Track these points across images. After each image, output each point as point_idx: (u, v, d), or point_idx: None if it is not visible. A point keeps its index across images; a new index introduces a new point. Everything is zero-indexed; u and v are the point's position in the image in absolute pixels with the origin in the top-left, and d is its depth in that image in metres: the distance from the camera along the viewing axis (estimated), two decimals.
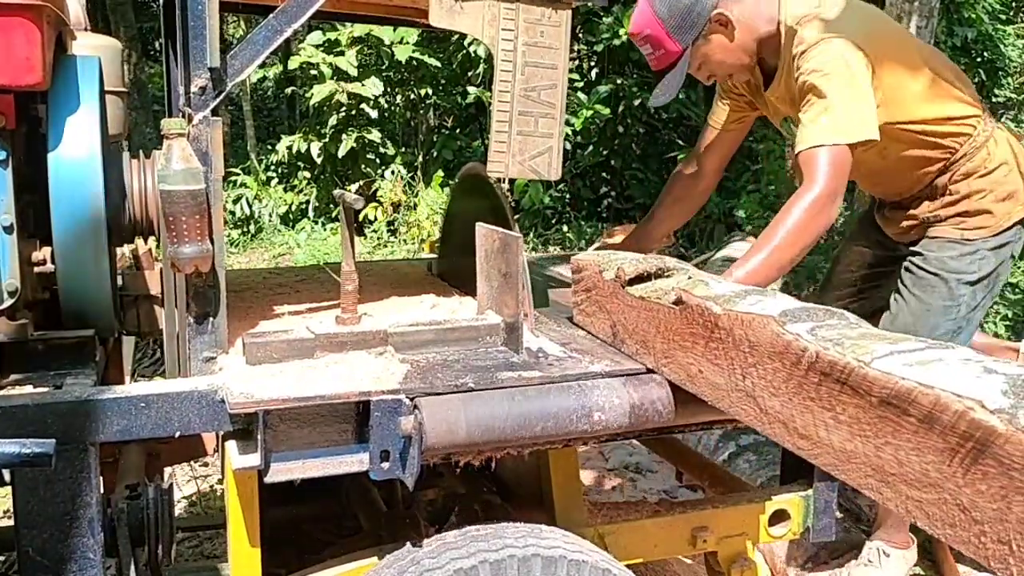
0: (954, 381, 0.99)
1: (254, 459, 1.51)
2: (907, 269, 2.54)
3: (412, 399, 1.54)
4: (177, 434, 1.54)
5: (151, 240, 2.00)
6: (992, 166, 2.39)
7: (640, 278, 1.77)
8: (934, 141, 2.37)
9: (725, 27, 2.28)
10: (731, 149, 2.69)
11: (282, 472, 1.53)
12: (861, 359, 1.11)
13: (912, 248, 2.52)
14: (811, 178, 2.07)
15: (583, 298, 1.98)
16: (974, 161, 2.39)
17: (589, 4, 3.14)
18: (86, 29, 2.29)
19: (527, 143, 1.90)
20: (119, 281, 2.11)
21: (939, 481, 0.98)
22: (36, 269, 1.70)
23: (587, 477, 3.73)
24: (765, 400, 1.31)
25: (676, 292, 1.60)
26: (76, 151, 1.67)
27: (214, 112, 1.64)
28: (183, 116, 1.68)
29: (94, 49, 2.05)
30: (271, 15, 1.65)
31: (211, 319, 1.71)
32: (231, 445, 1.56)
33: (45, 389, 1.61)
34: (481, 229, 1.90)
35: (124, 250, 2.22)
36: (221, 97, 1.63)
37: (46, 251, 1.70)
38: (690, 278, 1.66)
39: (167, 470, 2.18)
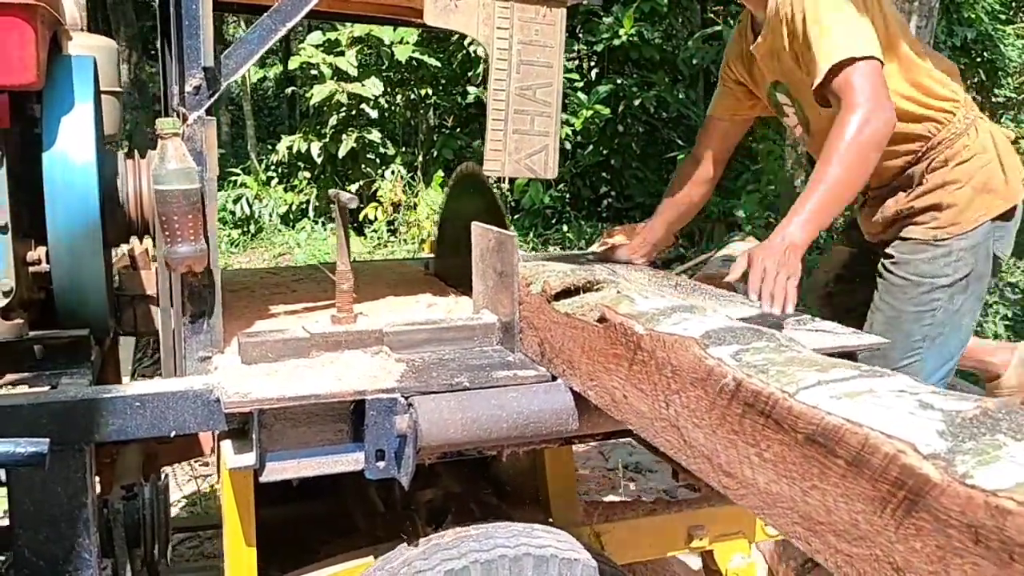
0: (886, 417, 0.86)
1: (249, 458, 1.51)
2: (879, 274, 2.43)
3: (407, 398, 1.54)
4: (172, 434, 1.54)
5: (147, 240, 2.00)
6: (968, 156, 2.26)
7: (567, 292, 1.65)
8: (912, 118, 2.24)
9: None
10: (731, 143, 2.64)
11: (278, 471, 1.53)
12: (785, 389, 0.99)
13: (885, 250, 2.41)
14: (850, 101, 1.90)
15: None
16: (952, 149, 2.26)
17: (585, 3, 3.14)
18: (82, 29, 2.29)
19: (523, 142, 1.90)
20: (115, 281, 2.11)
21: (870, 534, 0.84)
22: (31, 269, 1.70)
23: (586, 476, 3.73)
24: (689, 431, 1.17)
25: (600, 309, 1.47)
26: (71, 151, 1.67)
27: (209, 112, 1.64)
28: (178, 116, 1.68)
29: (90, 49, 2.05)
30: (265, 14, 1.65)
31: (206, 318, 1.70)
32: (226, 444, 1.56)
33: (40, 389, 1.61)
34: (477, 228, 1.90)
35: (120, 249, 2.22)
36: (216, 97, 1.63)
37: (41, 251, 1.70)
38: (618, 293, 1.54)
39: (166, 470, 2.18)
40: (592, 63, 10.09)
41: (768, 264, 1.83)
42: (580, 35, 9.67)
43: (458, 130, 10.49)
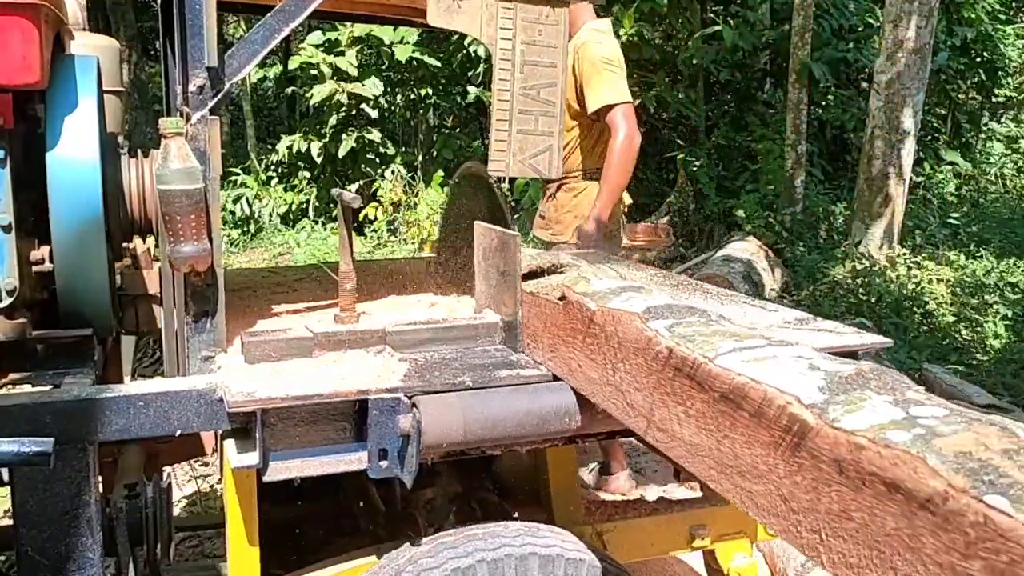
0: (782, 377, 1.03)
1: (252, 458, 1.51)
2: None
3: (410, 397, 1.54)
4: (176, 433, 1.54)
5: (150, 239, 2.00)
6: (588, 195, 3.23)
7: (534, 274, 1.80)
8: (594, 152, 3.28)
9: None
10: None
11: (280, 471, 1.53)
12: (707, 355, 1.15)
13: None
14: (619, 130, 3.08)
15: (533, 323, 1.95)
16: (589, 182, 3.25)
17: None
18: (84, 29, 2.29)
19: (527, 142, 1.90)
20: (118, 280, 2.11)
21: (765, 473, 1.02)
22: (34, 268, 1.70)
23: (586, 476, 3.72)
24: (631, 394, 1.35)
25: (561, 288, 1.64)
26: (74, 151, 1.67)
27: (212, 111, 1.64)
28: (181, 115, 1.68)
29: (92, 49, 2.05)
30: (269, 14, 1.65)
31: (209, 318, 1.71)
32: (229, 444, 1.56)
33: (44, 388, 1.61)
34: (479, 227, 1.90)
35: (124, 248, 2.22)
36: (219, 96, 1.63)
37: (44, 250, 1.70)
38: (578, 274, 1.71)
39: (167, 469, 2.18)
40: None
41: (592, 240, 3.02)
42: None
43: (458, 130, 10.49)
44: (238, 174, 9.85)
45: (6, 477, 1.54)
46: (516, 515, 1.79)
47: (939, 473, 0.78)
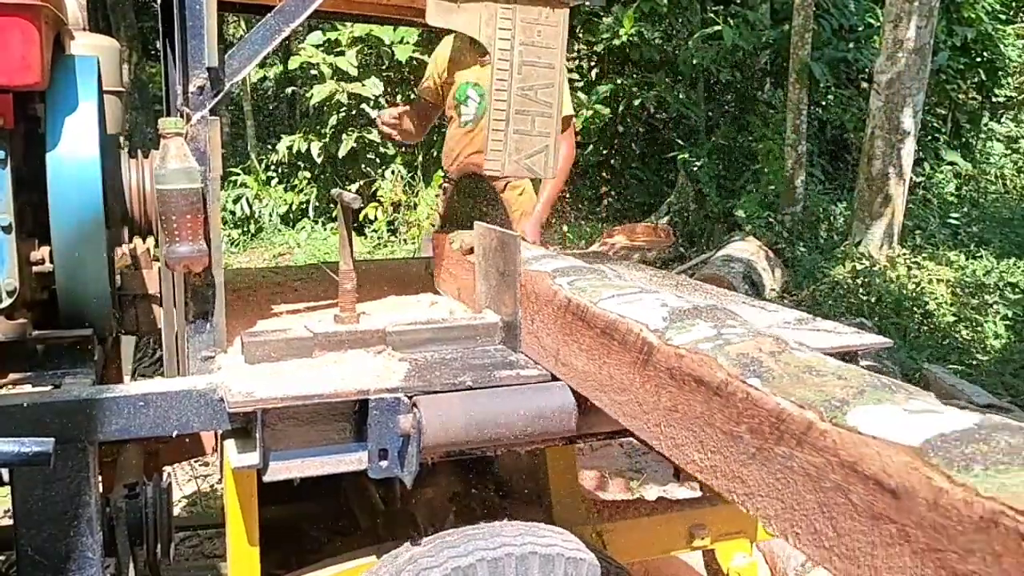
0: (641, 314, 1.35)
1: (253, 458, 1.51)
2: None
3: (411, 397, 1.54)
4: (176, 433, 1.54)
5: (149, 239, 2.00)
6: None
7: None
8: None
9: None
10: (430, 119, 3.48)
11: (281, 471, 1.53)
12: (592, 300, 1.48)
13: None
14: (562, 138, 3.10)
15: (440, 267, 2.34)
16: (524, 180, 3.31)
17: (587, 5, 3.14)
18: (84, 29, 2.29)
19: (524, 142, 1.90)
20: (118, 280, 2.11)
21: (629, 387, 1.32)
22: (35, 268, 1.70)
23: (587, 476, 3.73)
24: (543, 338, 1.67)
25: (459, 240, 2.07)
26: (75, 151, 1.67)
27: (212, 111, 1.64)
28: (181, 115, 1.68)
29: (92, 49, 2.05)
30: (269, 14, 1.65)
31: (209, 318, 1.71)
32: (230, 444, 1.56)
33: (44, 388, 1.61)
34: (479, 227, 1.90)
35: (123, 249, 2.23)
36: (219, 97, 1.63)
37: (44, 250, 1.70)
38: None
39: (167, 469, 2.18)
40: (592, 63, 10.08)
41: (534, 239, 3.04)
42: (580, 35, 9.66)
43: None
44: (238, 174, 9.84)
45: (6, 477, 1.54)
46: (516, 515, 1.79)
47: (724, 367, 1.10)
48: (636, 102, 9.28)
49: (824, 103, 9.80)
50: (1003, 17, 11.15)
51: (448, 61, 3.22)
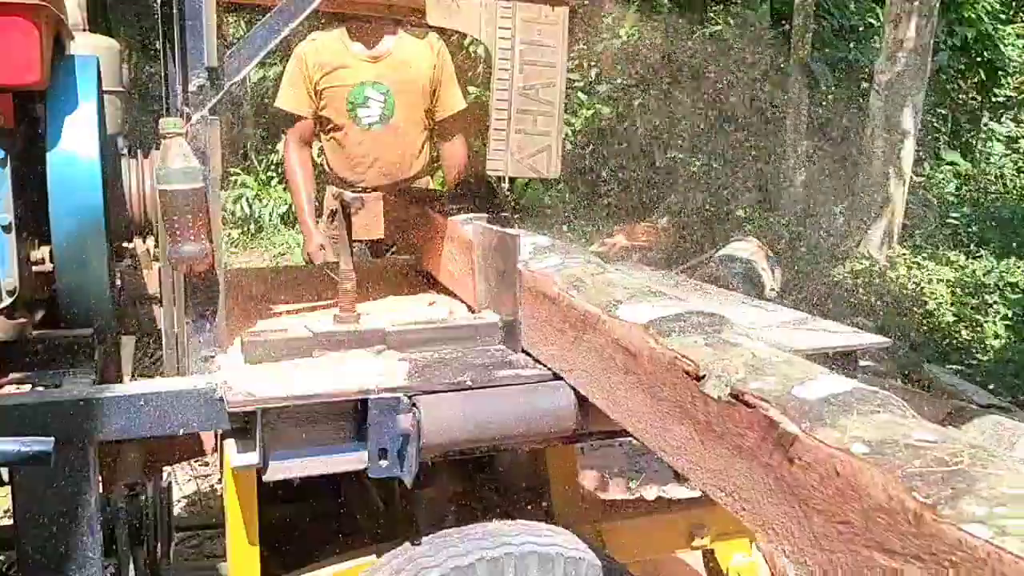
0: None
1: (253, 457, 1.51)
2: None
3: (410, 397, 1.54)
4: (176, 433, 1.55)
5: (149, 239, 2.00)
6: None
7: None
8: None
9: None
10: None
11: (281, 471, 1.53)
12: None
13: None
14: (460, 135, 3.38)
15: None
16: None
17: (587, 3, 3.13)
18: (84, 29, 2.29)
19: (526, 141, 1.90)
20: (118, 280, 2.11)
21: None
22: (35, 268, 1.70)
23: (587, 476, 3.73)
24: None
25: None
26: (75, 151, 1.67)
27: (212, 111, 1.65)
28: (181, 115, 1.68)
29: (92, 49, 2.05)
30: (269, 14, 1.65)
31: (209, 318, 1.71)
32: (230, 444, 1.56)
33: (44, 388, 1.61)
34: (479, 227, 1.90)
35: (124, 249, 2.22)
36: (219, 96, 1.63)
37: (45, 250, 1.70)
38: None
39: (167, 469, 2.18)
40: (592, 63, 10.08)
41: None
42: (580, 35, 9.66)
43: None
44: (238, 174, 9.84)
45: (6, 477, 1.54)
46: (516, 515, 1.79)
47: (557, 283, 1.57)
48: (636, 102, 9.27)
49: (824, 103, 9.80)
50: (1003, 17, 11.16)
51: (318, 66, 3.17)
